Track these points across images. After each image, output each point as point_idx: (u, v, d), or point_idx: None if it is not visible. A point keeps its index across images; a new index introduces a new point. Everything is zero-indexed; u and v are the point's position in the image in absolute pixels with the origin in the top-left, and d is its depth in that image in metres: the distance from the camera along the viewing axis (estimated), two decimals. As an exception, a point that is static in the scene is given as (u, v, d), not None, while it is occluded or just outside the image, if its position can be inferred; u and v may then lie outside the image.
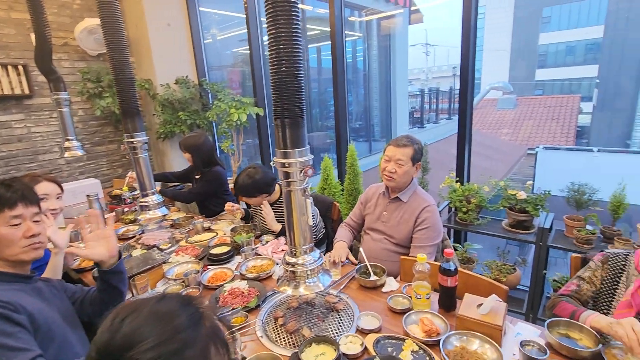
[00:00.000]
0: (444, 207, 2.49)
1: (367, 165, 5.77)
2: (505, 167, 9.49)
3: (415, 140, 1.76)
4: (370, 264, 1.56)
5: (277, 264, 1.70)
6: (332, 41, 3.00)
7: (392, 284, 1.49)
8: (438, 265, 1.32)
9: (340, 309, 1.33)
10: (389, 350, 1.12)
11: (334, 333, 1.23)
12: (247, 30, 3.54)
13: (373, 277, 1.50)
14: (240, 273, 1.64)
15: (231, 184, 2.74)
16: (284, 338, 1.22)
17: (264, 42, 3.53)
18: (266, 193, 2.05)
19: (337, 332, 1.23)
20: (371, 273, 1.53)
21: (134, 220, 2.40)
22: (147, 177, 1.75)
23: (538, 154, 9.49)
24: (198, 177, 2.67)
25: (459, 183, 2.49)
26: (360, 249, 1.65)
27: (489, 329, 1.10)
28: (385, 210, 1.84)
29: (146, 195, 1.77)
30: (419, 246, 1.72)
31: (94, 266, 1.24)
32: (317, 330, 1.24)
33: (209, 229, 2.24)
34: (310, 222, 1.13)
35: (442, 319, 1.22)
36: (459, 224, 2.40)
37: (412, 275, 1.32)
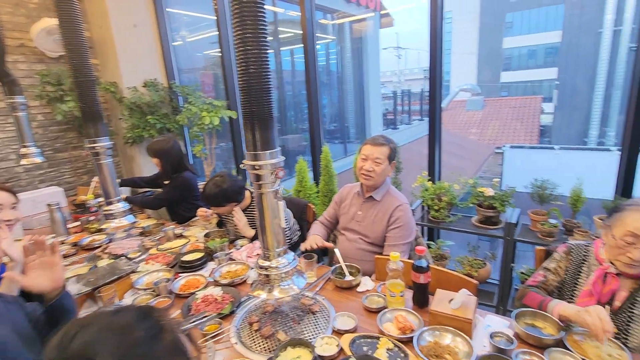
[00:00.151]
0: (416, 205, 2.54)
1: (343, 167, 5.82)
2: (476, 166, 9.86)
3: (390, 140, 1.80)
4: (345, 265, 1.57)
5: (251, 269, 1.67)
6: (304, 43, 3.00)
7: (367, 283, 1.51)
8: (411, 263, 1.34)
9: (316, 311, 1.33)
10: (364, 349, 1.12)
11: (310, 335, 1.22)
12: (218, 32, 3.48)
13: (348, 278, 1.51)
14: (214, 279, 1.60)
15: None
16: (259, 343, 1.20)
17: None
18: (235, 202, 1.99)
19: (313, 335, 1.22)
20: (346, 273, 1.54)
21: (101, 229, 2.29)
22: (111, 184, 1.67)
23: (505, 152, 9.93)
24: (167, 182, 2.59)
25: (431, 182, 2.55)
26: (336, 250, 1.65)
27: (460, 322, 1.14)
28: (360, 210, 1.85)
29: (111, 203, 1.69)
30: (392, 245, 1.74)
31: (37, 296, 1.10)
32: (293, 333, 1.23)
33: (180, 236, 2.18)
34: (283, 225, 1.12)
35: (416, 315, 1.24)
36: (432, 222, 2.46)
37: (387, 274, 1.33)
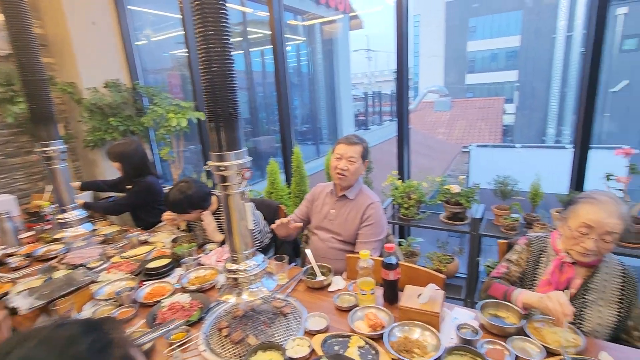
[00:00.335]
0: (387, 204, 2.58)
1: (316, 168, 5.82)
2: (444, 165, 10.20)
3: (362, 139, 1.84)
4: (317, 265, 1.56)
5: (221, 273, 1.63)
6: (273, 44, 2.98)
7: (338, 282, 1.51)
8: (381, 260, 1.36)
9: (288, 313, 1.31)
10: (335, 348, 1.12)
11: (281, 338, 1.20)
12: (184, 32, 3.39)
13: (320, 278, 1.50)
14: (182, 286, 1.55)
15: None
16: (229, 349, 1.16)
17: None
18: (200, 208, 1.93)
19: (284, 337, 1.21)
20: (318, 274, 1.53)
21: (57, 238, 2.15)
22: (66, 191, 1.57)
23: (471, 151, 10.35)
24: (129, 187, 2.48)
25: (400, 180, 2.60)
26: (307, 251, 1.64)
27: (429, 316, 1.16)
28: (333, 209, 1.86)
29: (65, 211, 1.58)
30: (364, 242, 1.76)
31: None
32: (264, 337, 1.20)
33: (146, 242, 2.08)
34: (250, 226, 1.10)
35: (387, 312, 1.25)
36: (402, 220, 2.51)
37: (357, 272, 1.34)
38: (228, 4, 0.99)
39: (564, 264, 1.26)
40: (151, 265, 1.70)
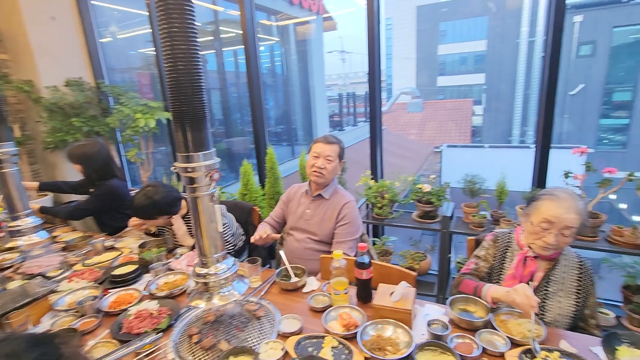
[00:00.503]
0: (361, 204, 2.61)
1: (292, 169, 5.79)
2: (418, 164, 10.43)
3: (339, 139, 1.86)
4: (290, 266, 1.55)
5: (192, 278, 1.58)
6: (244, 44, 2.93)
7: (312, 283, 1.50)
8: (354, 259, 1.36)
9: (261, 316, 1.29)
10: (309, 350, 1.11)
11: (254, 342, 1.18)
12: (151, 30, 3.27)
13: (294, 279, 1.49)
14: (150, 292, 1.49)
15: None
16: (199, 356, 1.13)
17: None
18: (167, 215, 1.84)
19: (258, 341, 1.19)
20: (292, 275, 1.52)
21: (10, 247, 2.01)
22: (18, 197, 1.46)
23: (443, 151, 10.68)
24: (93, 190, 2.36)
25: (374, 180, 2.64)
26: (280, 252, 1.63)
27: (401, 314, 1.18)
28: (308, 209, 1.86)
29: (17, 218, 1.48)
30: (340, 241, 1.77)
31: None
32: (237, 342, 1.18)
33: (112, 248, 1.99)
34: (220, 229, 1.07)
35: (360, 311, 1.26)
36: (376, 219, 2.54)
37: (331, 272, 1.34)
38: (198, 2, 0.97)
39: (527, 258, 1.31)
40: (117, 272, 1.63)
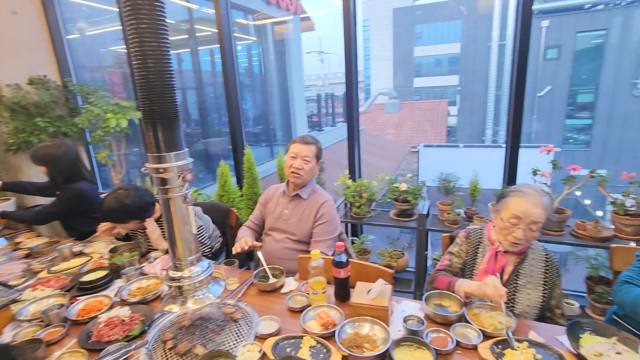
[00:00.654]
0: (339, 203, 2.62)
1: (271, 169, 5.74)
2: (395, 164, 10.61)
3: (316, 139, 1.87)
4: (268, 267, 1.53)
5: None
6: (220, 43, 2.88)
7: (291, 284, 1.50)
8: (332, 259, 1.37)
9: (238, 318, 1.27)
10: (287, 350, 1.11)
11: (231, 345, 1.16)
12: (122, 26, 3.16)
13: (272, 280, 1.48)
14: (121, 298, 1.43)
15: None
16: (174, 362, 1.10)
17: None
18: (139, 219, 1.78)
19: (235, 344, 1.17)
20: (270, 276, 1.51)
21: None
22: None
23: (419, 151, 10.91)
24: (59, 193, 2.25)
25: (352, 180, 2.66)
26: (258, 253, 1.61)
27: (378, 311, 1.19)
28: (286, 209, 1.85)
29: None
30: (318, 240, 1.78)
31: None
32: (213, 345, 1.15)
33: (81, 254, 1.91)
34: (194, 231, 1.05)
35: (338, 310, 1.26)
36: (354, 218, 2.56)
37: (309, 272, 1.34)
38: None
39: (498, 252, 1.36)
40: (86, 278, 1.56)
